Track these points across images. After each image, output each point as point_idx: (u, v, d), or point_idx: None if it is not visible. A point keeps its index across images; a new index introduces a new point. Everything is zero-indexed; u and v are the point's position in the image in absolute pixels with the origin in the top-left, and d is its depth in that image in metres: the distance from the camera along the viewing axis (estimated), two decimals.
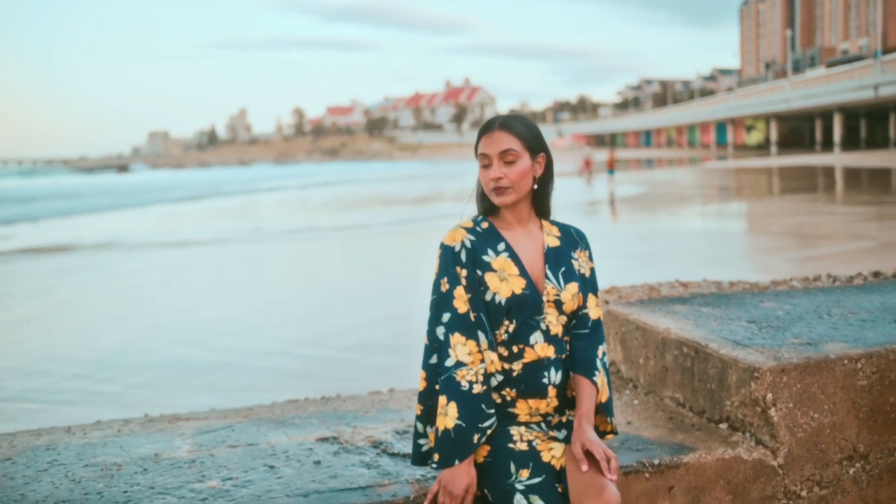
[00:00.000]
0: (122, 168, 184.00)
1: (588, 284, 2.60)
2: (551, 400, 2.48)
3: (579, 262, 2.59)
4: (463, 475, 2.36)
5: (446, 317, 2.45)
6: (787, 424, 2.92)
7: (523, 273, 2.48)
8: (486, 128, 2.54)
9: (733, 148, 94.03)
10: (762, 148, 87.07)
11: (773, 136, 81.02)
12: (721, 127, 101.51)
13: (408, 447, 2.91)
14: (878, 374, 3.05)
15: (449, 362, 2.42)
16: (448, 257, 2.50)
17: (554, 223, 2.64)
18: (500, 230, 2.54)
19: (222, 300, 12.96)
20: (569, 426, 2.52)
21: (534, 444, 2.43)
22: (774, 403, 2.90)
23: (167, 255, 19.10)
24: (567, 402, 2.55)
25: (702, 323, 3.49)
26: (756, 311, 3.73)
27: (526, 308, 2.45)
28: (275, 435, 3.07)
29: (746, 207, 26.47)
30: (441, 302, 2.49)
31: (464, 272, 2.47)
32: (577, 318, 2.57)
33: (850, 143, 73.70)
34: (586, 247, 2.64)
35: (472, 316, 2.44)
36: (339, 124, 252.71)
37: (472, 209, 2.64)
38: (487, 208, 2.59)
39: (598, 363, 2.54)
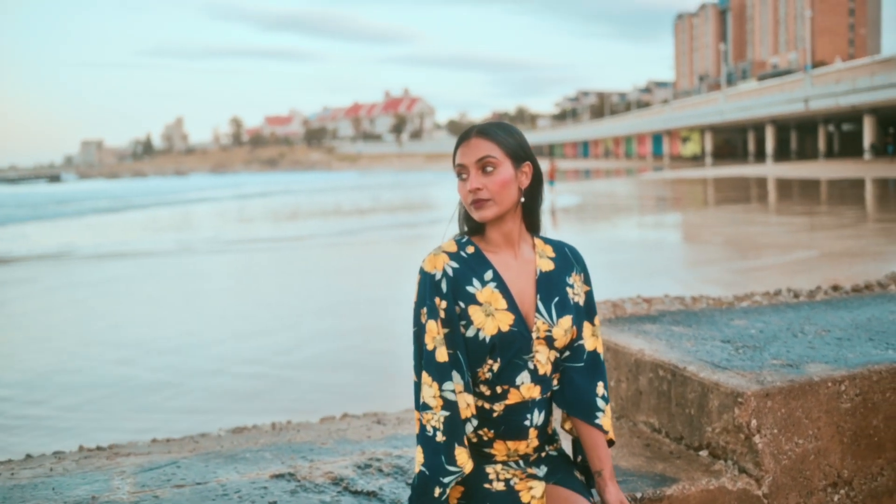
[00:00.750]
0: (54, 178, 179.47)
1: (583, 312, 2.34)
2: (531, 441, 2.26)
3: (574, 288, 2.32)
4: None
5: (423, 351, 2.22)
6: (772, 451, 2.77)
7: (512, 307, 2.20)
8: (463, 136, 2.27)
9: (669, 159, 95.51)
10: (697, 159, 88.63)
11: (708, 147, 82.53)
12: (657, 138, 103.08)
13: (371, 484, 2.69)
14: (862, 397, 2.92)
15: (418, 401, 2.21)
16: (427, 286, 2.22)
17: (547, 241, 2.37)
18: (487, 254, 2.26)
19: (158, 315, 12.52)
20: (548, 461, 2.31)
21: (511, 483, 2.22)
22: (759, 430, 2.75)
23: (100, 268, 18.49)
24: (547, 439, 2.34)
25: (675, 343, 3.34)
26: (728, 329, 3.59)
27: (513, 347, 2.20)
28: (225, 471, 2.81)
29: (688, 218, 26.75)
30: (419, 335, 2.25)
31: (443, 304, 2.19)
32: (571, 351, 2.32)
33: (782, 154, 75.46)
34: (582, 268, 2.38)
35: (441, 354, 2.18)
36: (278, 134, 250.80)
37: (453, 231, 2.37)
38: (473, 227, 2.31)
39: (601, 402, 2.32)
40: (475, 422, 2.21)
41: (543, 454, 2.31)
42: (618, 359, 3.37)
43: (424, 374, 2.18)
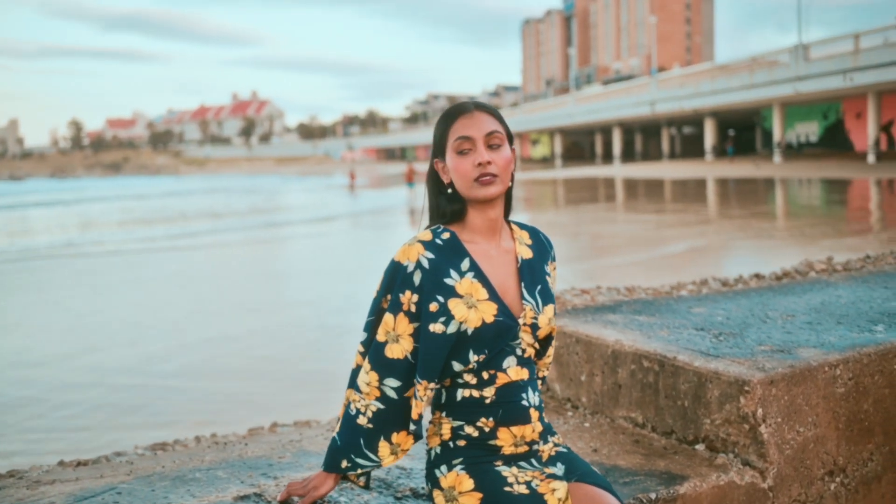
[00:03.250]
0: None
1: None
2: (535, 424, 2.12)
3: (551, 277, 2.23)
4: (329, 486, 2.20)
5: (372, 340, 2.13)
6: (777, 442, 2.62)
7: (493, 296, 2.08)
8: (461, 109, 2.14)
9: (520, 161, 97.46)
10: (547, 160, 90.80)
11: (558, 149, 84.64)
12: None
13: (354, 500, 2.36)
14: (854, 381, 2.82)
15: (353, 380, 2.16)
16: (396, 277, 2.09)
17: (522, 227, 2.27)
18: (465, 242, 2.12)
19: (13, 326, 11.52)
20: (562, 458, 2.16)
21: (533, 484, 2.06)
22: (764, 419, 2.59)
23: None
24: (548, 427, 2.21)
25: (650, 333, 3.16)
26: (694, 317, 3.44)
27: (499, 337, 2.06)
28: (177, 496, 2.39)
29: (547, 218, 27.16)
30: (373, 324, 2.14)
31: (413, 298, 2.07)
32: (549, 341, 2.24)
33: (628, 155, 78.35)
34: (554, 256, 2.30)
35: (393, 351, 2.08)
36: (121, 137, 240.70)
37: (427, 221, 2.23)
38: (451, 213, 2.15)
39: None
40: (454, 422, 2.11)
41: (553, 450, 2.17)
42: (591, 351, 3.15)
43: (366, 361, 2.12)
